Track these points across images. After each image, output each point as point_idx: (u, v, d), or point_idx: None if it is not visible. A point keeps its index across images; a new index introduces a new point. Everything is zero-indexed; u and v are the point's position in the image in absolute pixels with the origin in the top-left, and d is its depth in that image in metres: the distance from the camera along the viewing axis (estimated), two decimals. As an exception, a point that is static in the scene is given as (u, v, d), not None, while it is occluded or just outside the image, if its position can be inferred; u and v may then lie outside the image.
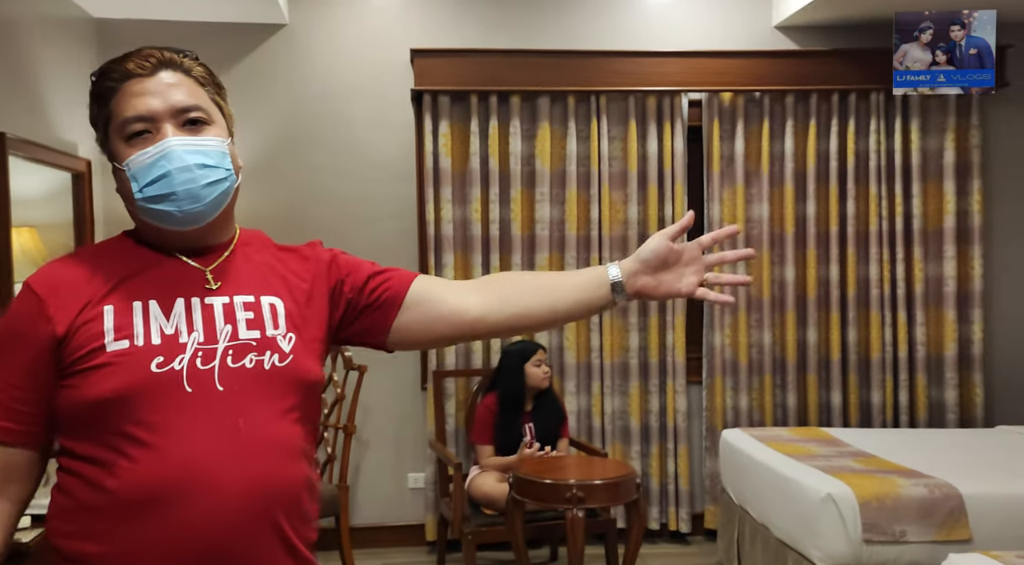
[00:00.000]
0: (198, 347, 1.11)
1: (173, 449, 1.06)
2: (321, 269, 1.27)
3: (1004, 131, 4.18)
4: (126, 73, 1.14)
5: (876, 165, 4.03)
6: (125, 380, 1.07)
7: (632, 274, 1.26)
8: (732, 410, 4.03)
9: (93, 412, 1.07)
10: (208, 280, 1.17)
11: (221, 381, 1.10)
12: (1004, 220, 4.19)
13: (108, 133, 1.16)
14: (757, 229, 4.04)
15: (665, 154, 4.00)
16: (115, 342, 1.08)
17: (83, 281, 1.13)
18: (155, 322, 1.11)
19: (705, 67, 4.00)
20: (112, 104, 1.15)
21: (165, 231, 1.16)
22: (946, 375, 4.03)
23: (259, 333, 1.15)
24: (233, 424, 1.09)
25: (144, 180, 1.12)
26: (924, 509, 2.66)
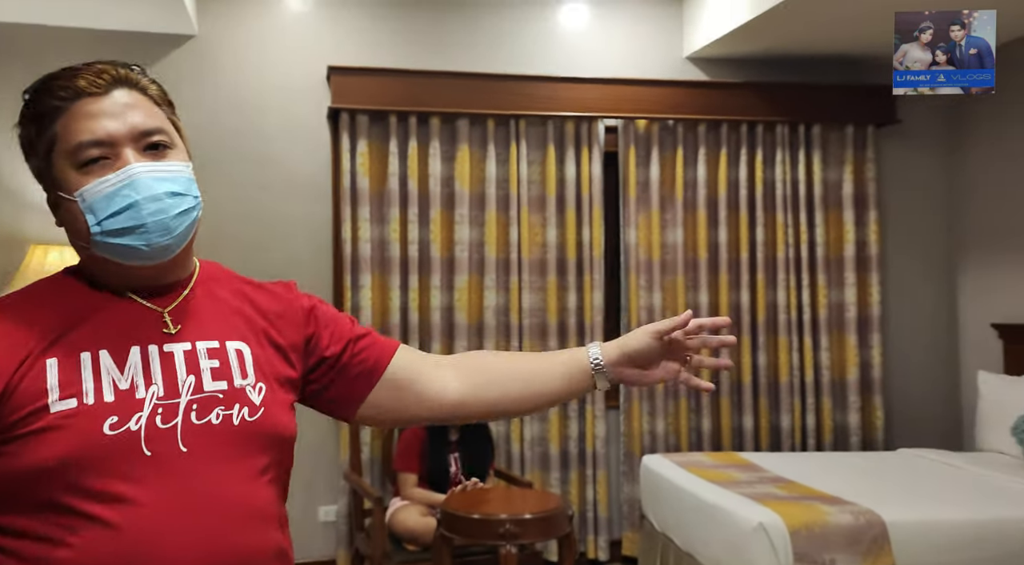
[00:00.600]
0: (157, 403, 0.96)
1: (132, 526, 0.91)
2: (298, 315, 1.15)
3: (896, 165, 4.41)
4: (77, 91, 0.99)
5: (783, 194, 4.16)
6: (71, 445, 0.92)
7: (615, 364, 1.21)
8: (649, 435, 4.05)
9: (31, 483, 0.91)
10: (167, 323, 1.03)
11: (184, 441, 0.96)
12: (898, 248, 4.40)
13: (51, 159, 1.00)
14: (671, 255, 4.09)
15: (583, 179, 3.99)
16: (60, 402, 0.93)
17: (19, 330, 0.97)
18: (107, 376, 0.96)
19: (620, 94, 4.04)
20: (58, 126, 0.99)
21: (123, 268, 1.01)
22: (849, 399, 4.19)
23: (226, 384, 1.02)
24: (204, 492, 0.95)
25: (105, 212, 0.98)
26: (851, 537, 2.72)
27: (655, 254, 4.05)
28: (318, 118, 3.87)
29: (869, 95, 4.23)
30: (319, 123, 3.88)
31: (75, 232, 1.01)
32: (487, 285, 3.88)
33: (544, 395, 1.23)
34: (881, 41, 4.00)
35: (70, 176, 0.99)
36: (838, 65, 4.28)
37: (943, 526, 2.80)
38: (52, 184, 1.01)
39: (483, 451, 3.48)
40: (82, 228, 0.99)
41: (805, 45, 4.07)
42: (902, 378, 4.37)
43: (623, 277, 4.07)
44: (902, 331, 4.39)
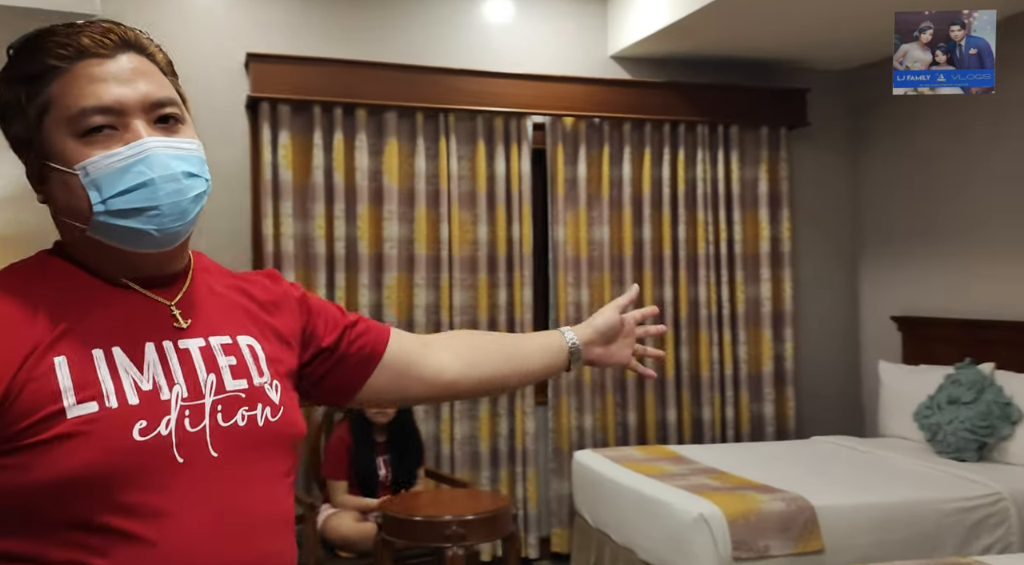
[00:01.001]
0: (183, 404, 0.88)
1: (170, 542, 0.82)
2: (291, 306, 1.08)
3: (807, 165, 4.60)
4: (80, 50, 0.88)
5: (703, 193, 4.27)
6: (99, 454, 0.81)
7: (588, 343, 1.29)
8: (577, 430, 4.08)
9: (51, 499, 0.80)
10: (176, 318, 0.93)
11: (215, 445, 0.88)
12: (807, 245, 4.60)
13: (42, 126, 0.88)
14: (598, 251, 4.13)
15: (512, 175, 3.98)
16: (79, 405, 0.82)
17: (16, 321, 0.84)
18: (126, 376, 0.86)
19: (548, 91, 4.05)
20: (54, 89, 0.87)
21: (121, 254, 0.90)
22: (764, 390, 4.34)
23: (246, 382, 0.94)
24: (233, 500, 0.88)
25: (113, 189, 0.86)
26: (783, 523, 2.82)
27: (583, 251, 4.08)
28: (235, 107, 3.72)
29: (782, 98, 4.40)
30: (236, 112, 3.72)
31: (69, 210, 0.89)
32: (417, 283, 3.82)
33: (528, 373, 1.27)
34: (795, 47, 4.19)
35: (68, 146, 0.87)
36: (755, 68, 4.43)
37: (863, 509, 2.94)
38: (41, 153, 0.89)
39: (412, 453, 3.42)
40: (80, 206, 0.87)
41: (725, 48, 4.19)
42: (811, 369, 4.56)
43: (551, 274, 4.09)
44: (811, 325, 4.59)
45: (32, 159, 0.91)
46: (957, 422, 3.53)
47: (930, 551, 2.90)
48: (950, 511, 2.98)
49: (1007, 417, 3.43)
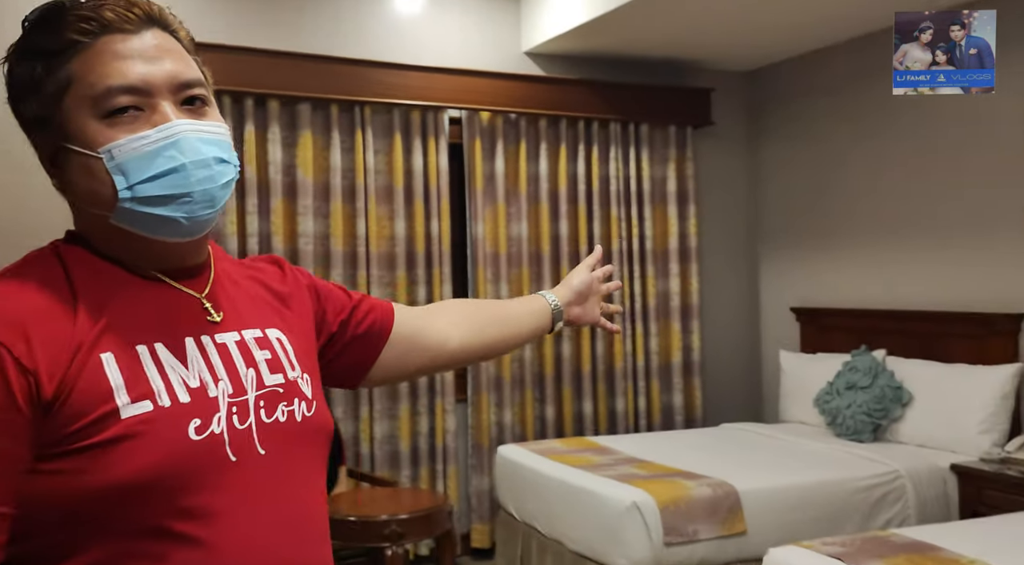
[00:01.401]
0: (230, 400, 0.84)
1: (227, 543, 0.79)
2: (303, 294, 1.05)
3: (711, 163, 4.78)
4: (103, 24, 0.82)
5: (616, 189, 4.37)
6: (160, 456, 0.77)
7: (567, 304, 1.33)
8: (496, 426, 4.09)
9: (110, 505, 0.75)
10: (208, 311, 0.89)
11: (261, 443, 0.85)
12: (712, 240, 4.78)
13: (61, 105, 0.82)
14: (516, 247, 4.16)
15: (430, 170, 3.95)
16: (133, 404, 0.78)
17: (57, 315, 0.79)
18: (173, 372, 0.82)
19: (463, 85, 4.04)
20: (75, 65, 0.82)
21: (146, 243, 0.85)
22: (674, 380, 4.48)
23: (282, 377, 0.91)
24: (284, 500, 0.85)
25: (141, 174, 0.81)
26: (710, 508, 2.92)
27: (501, 247, 4.10)
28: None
29: (689, 97, 4.55)
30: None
31: (90, 195, 0.83)
32: (333, 279, 3.73)
33: (518, 337, 1.29)
34: (701, 48, 4.35)
35: (91, 127, 0.81)
36: (663, 68, 4.56)
37: (781, 491, 3.09)
38: (59, 135, 0.83)
39: (333, 452, 3.34)
40: (104, 191, 0.82)
41: (635, 47, 4.29)
42: (716, 360, 4.75)
43: (470, 270, 4.08)
44: (715, 317, 4.77)
45: (47, 140, 0.85)
46: (855, 406, 3.75)
47: (839, 527, 3.07)
48: (855, 489, 3.17)
49: (899, 400, 3.67)
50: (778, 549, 2.35)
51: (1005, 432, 3.34)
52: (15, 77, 0.84)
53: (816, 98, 4.47)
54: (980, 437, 3.34)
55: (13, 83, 0.85)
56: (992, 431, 3.33)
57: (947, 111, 3.77)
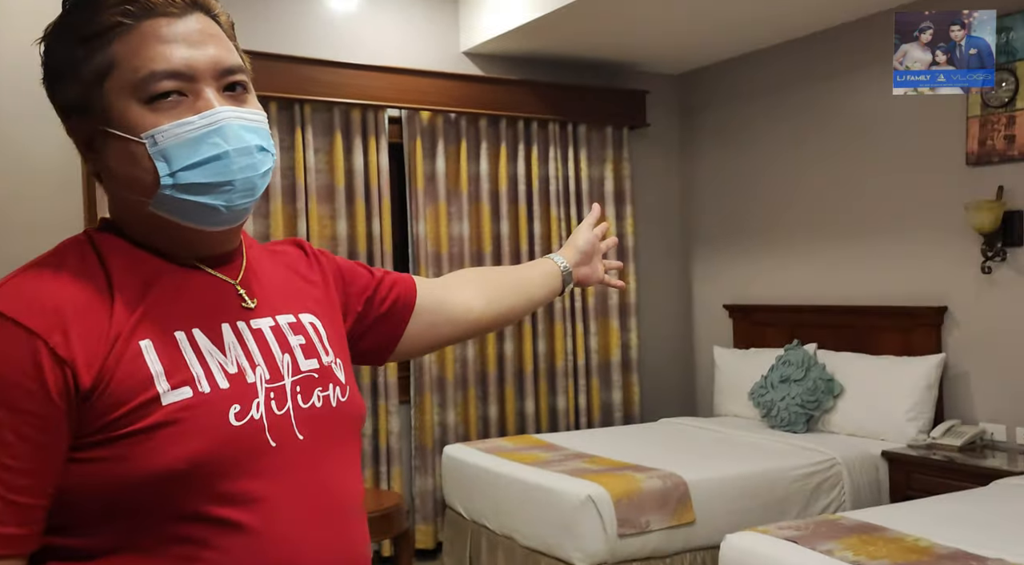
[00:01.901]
0: (267, 386, 0.84)
1: (270, 528, 0.79)
2: (328, 277, 1.05)
3: (647, 164, 4.89)
4: (148, 7, 0.81)
5: (555, 189, 4.42)
6: (202, 442, 0.77)
7: (575, 265, 1.34)
8: (440, 426, 4.08)
9: (154, 492, 0.75)
10: (243, 297, 0.89)
11: (299, 428, 0.85)
12: (647, 240, 4.88)
13: (102, 88, 0.81)
14: (458, 247, 4.16)
15: (371, 169, 3.92)
16: (173, 391, 0.78)
17: (94, 304, 0.78)
18: (211, 358, 0.82)
19: (403, 84, 4.02)
20: (117, 47, 0.80)
21: (184, 231, 0.84)
22: (613, 378, 4.56)
23: (316, 362, 0.91)
24: (323, 484, 0.85)
25: (184, 161, 0.80)
26: (661, 499, 2.99)
27: (443, 246, 4.09)
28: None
29: (625, 99, 4.64)
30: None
31: (130, 181, 0.82)
32: (275, 280, 3.66)
33: (533, 301, 1.29)
34: (636, 50, 4.44)
35: (133, 112, 0.80)
36: (601, 69, 4.63)
37: (727, 481, 3.18)
38: (99, 119, 0.82)
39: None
40: (145, 177, 0.81)
41: (573, 49, 4.35)
42: (652, 356, 4.85)
43: (412, 270, 4.06)
44: (651, 315, 4.88)
45: (84, 124, 0.83)
46: (789, 398, 3.89)
47: (781, 514, 3.18)
48: (796, 477, 3.29)
49: (830, 391, 3.83)
50: (735, 535, 2.42)
51: (930, 419, 3.52)
52: (52, 59, 0.83)
53: (745, 101, 4.62)
54: (907, 425, 3.51)
55: (50, 65, 0.83)
56: (918, 419, 3.51)
57: (871, 114, 3.95)
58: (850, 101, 4.06)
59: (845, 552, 2.12)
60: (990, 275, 3.45)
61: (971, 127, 3.54)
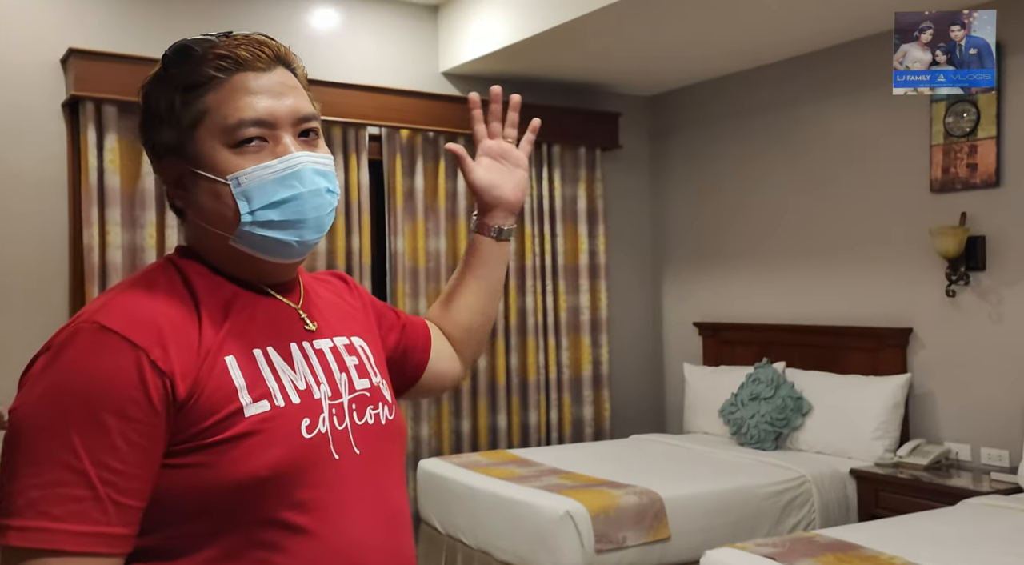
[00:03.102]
0: (330, 403, 0.91)
1: (332, 534, 0.86)
2: (368, 309, 1.13)
3: (619, 185, 4.97)
4: (239, 62, 0.91)
5: (530, 208, 4.47)
6: (280, 451, 0.85)
7: (494, 214, 1.25)
8: (413, 440, 4.09)
9: (237, 497, 0.82)
10: (304, 320, 0.97)
11: (356, 443, 0.93)
12: (619, 258, 4.95)
13: (195, 134, 0.90)
14: (435, 262, 4.19)
15: (351, 186, 3.94)
16: (254, 404, 0.85)
17: (186, 321, 0.86)
18: (284, 375, 0.90)
19: (383, 103, 4.05)
20: (210, 98, 0.90)
21: (257, 262, 0.93)
22: (584, 393, 4.61)
23: (368, 382, 0.99)
24: (377, 496, 0.93)
25: (263, 201, 0.89)
26: (637, 515, 3.04)
27: (420, 262, 4.12)
28: (48, 106, 3.38)
29: (598, 121, 4.72)
30: (50, 111, 3.39)
31: (215, 217, 0.91)
32: (253, 294, 3.65)
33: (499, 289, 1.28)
34: (610, 74, 4.53)
35: (220, 155, 0.90)
36: (575, 91, 4.71)
37: (701, 498, 3.24)
38: (190, 161, 0.91)
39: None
40: (229, 214, 0.90)
41: (549, 71, 4.42)
42: (623, 372, 4.92)
43: (389, 284, 4.08)
44: (622, 331, 4.95)
45: (175, 165, 0.91)
46: (759, 416, 3.97)
47: (753, 531, 3.25)
48: (767, 494, 3.37)
49: (799, 409, 3.92)
50: (714, 551, 2.47)
51: (896, 438, 3.62)
52: (153, 105, 0.90)
53: (715, 124, 4.73)
54: (874, 443, 3.61)
55: (150, 110, 0.91)
56: (884, 437, 3.61)
57: (839, 139, 4.08)
58: (818, 127, 4.18)
59: (822, 569, 2.18)
60: (954, 298, 3.57)
61: (935, 155, 3.67)
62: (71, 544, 0.76)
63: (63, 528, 0.76)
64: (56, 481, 0.77)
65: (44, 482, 0.77)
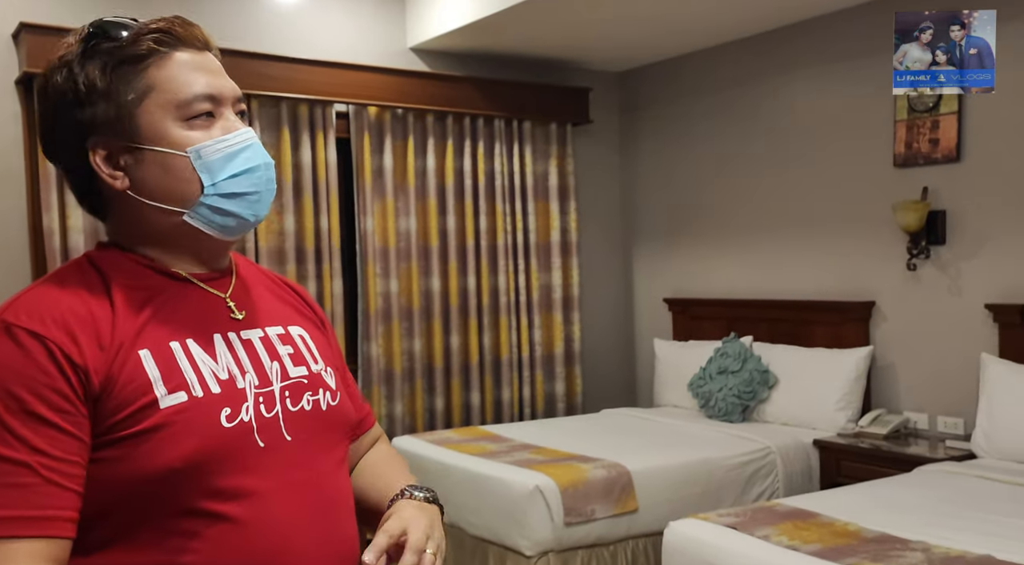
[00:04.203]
0: (256, 391, 0.91)
1: (260, 521, 0.86)
2: (319, 320, 1.12)
3: (589, 160, 4.98)
4: (177, 39, 0.93)
5: (501, 185, 4.48)
6: (196, 442, 0.85)
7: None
8: (387, 418, 4.12)
9: (152, 488, 0.82)
10: (232, 309, 0.97)
11: (288, 430, 0.93)
12: (590, 234, 4.98)
13: (137, 108, 0.90)
14: (405, 242, 4.19)
15: (318, 164, 3.92)
16: (169, 396, 0.86)
17: (97, 316, 0.86)
18: (204, 366, 0.90)
19: (350, 80, 4.03)
20: (152, 72, 0.91)
21: (197, 243, 0.94)
22: (556, 370, 4.65)
23: (306, 369, 0.99)
24: (312, 481, 0.92)
25: (224, 173, 0.91)
26: (606, 488, 3.09)
27: (390, 241, 4.12)
28: (1, 85, 3.32)
29: (569, 96, 4.72)
30: (3, 90, 3.33)
31: (167, 193, 0.91)
32: (222, 274, 3.64)
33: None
34: (580, 49, 4.53)
35: (172, 129, 0.90)
36: (546, 67, 4.70)
37: (668, 470, 3.30)
38: (132, 136, 0.90)
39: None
40: (189, 188, 0.91)
41: (519, 47, 4.41)
42: (595, 348, 4.96)
43: (360, 264, 4.08)
44: (594, 308, 4.99)
45: (108, 142, 0.89)
46: (726, 389, 4.04)
47: (718, 501, 3.32)
48: (733, 466, 3.43)
49: (765, 382, 3.99)
50: (678, 522, 2.53)
51: (858, 409, 3.70)
52: (76, 83, 0.88)
53: (684, 99, 4.75)
54: (837, 414, 3.69)
55: (71, 90, 0.89)
56: (847, 408, 3.69)
57: (805, 116, 4.11)
58: (785, 103, 4.22)
59: (780, 537, 2.24)
60: (915, 272, 3.64)
61: (898, 130, 3.72)
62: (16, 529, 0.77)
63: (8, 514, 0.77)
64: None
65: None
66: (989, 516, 2.42)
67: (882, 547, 2.16)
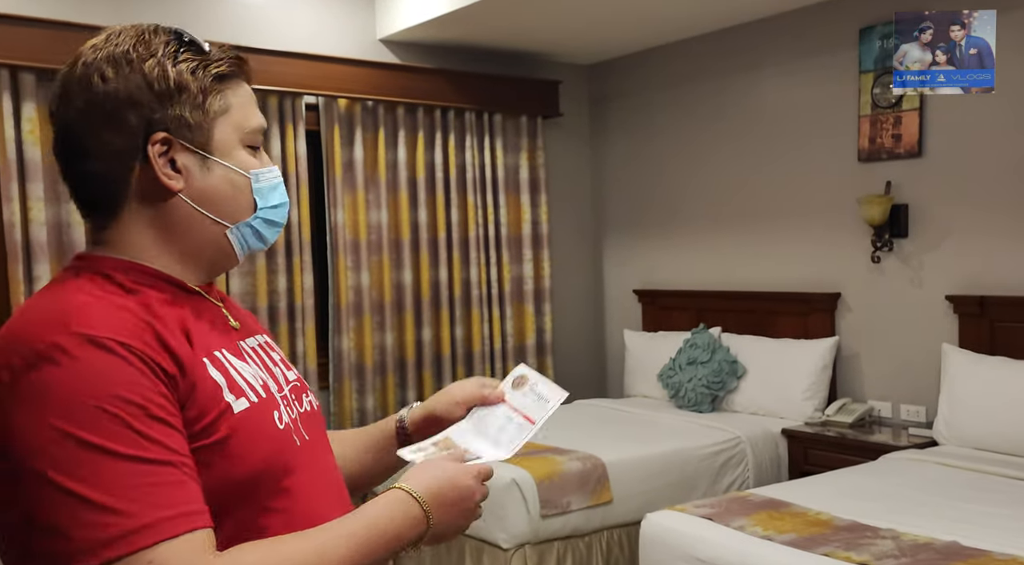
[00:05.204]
0: (279, 395, 0.97)
1: (303, 514, 0.91)
2: None
3: (560, 153, 5.00)
4: (243, 71, 0.98)
5: (472, 177, 4.48)
6: (267, 445, 0.90)
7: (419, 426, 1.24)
8: (358, 412, 4.11)
9: (237, 492, 0.86)
10: (228, 319, 1.00)
11: (305, 430, 0.99)
12: (561, 227, 5.00)
13: (214, 121, 0.93)
14: (376, 235, 4.17)
15: (288, 157, 3.89)
16: (237, 402, 0.89)
17: (157, 329, 0.86)
18: (246, 373, 0.94)
19: (320, 72, 3.99)
20: (230, 95, 0.95)
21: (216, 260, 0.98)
22: (528, 361, 4.67)
23: (295, 373, 1.06)
24: (329, 475, 1.01)
25: (270, 201, 0.98)
26: (581, 480, 3.13)
27: (361, 234, 4.10)
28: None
29: (539, 89, 4.73)
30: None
31: (225, 204, 0.95)
32: (191, 269, 3.60)
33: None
34: (550, 41, 4.54)
35: (238, 151, 0.95)
36: (516, 60, 4.70)
37: (642, 461, 3.35)
38: (205, 145, 0.93)
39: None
40: (244, 205, 0.96)
41: (489, 39, 4.41)
42: (566, 340, 5.00)
43: (330, 257, 4.06)
44: (565, 299, 5.02)
45: (176, 142, 0.90)
46: (696, 379, 4.10)
47: (690, 491, 3.38)
48: (704, 455, 3.49)
49: (734, 373, 4.06)
50: (654, 514, 2.57)
51: (824, 398, 3.78)
52: (165, 79, 0.89)
53: (653, 93, 4.78)
54: (804, 403, 3.77)
55: (163, 83, 0.89)
56: (814, 398, 3.77)
57: (772, 110, 4.17)
58: (752, 96, 4.27)
59: (755, 527, 2.30)
60: (879, 264, 3.73)
61: (863, 125, 3.80)
62: (193, 522, 0.79)
63: (177, 512, 0.78)
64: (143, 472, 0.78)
65: (136, 483, 0.77)
66: (953, 503, 2.50)
67: (853, 535, 2.22)
